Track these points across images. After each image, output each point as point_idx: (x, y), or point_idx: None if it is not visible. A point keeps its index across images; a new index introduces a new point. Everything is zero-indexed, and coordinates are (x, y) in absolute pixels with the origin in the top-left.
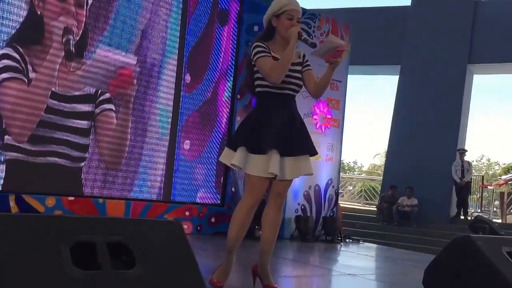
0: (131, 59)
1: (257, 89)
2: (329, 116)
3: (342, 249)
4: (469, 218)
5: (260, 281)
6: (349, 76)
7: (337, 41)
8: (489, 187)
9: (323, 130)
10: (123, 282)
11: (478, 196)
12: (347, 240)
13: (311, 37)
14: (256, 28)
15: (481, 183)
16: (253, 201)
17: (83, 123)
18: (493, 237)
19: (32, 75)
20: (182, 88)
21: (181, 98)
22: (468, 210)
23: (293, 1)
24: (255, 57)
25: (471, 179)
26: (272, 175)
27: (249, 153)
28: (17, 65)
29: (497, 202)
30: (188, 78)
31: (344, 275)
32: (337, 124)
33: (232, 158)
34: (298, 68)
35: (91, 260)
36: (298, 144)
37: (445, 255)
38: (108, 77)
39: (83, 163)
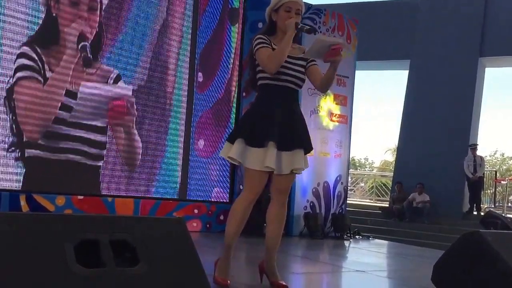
0: (145, 60)
1: (259, 82)
2: (337, 112)
3: (351, 245)
4: (482, 213)
5: (267, 278)
6: (358, 71)
7: (328, 39)
8: (502, 182)
9: (331, 126)
10: (127, 279)
11: (491, 191)
12: (357, 236)
13: (316, 32)
14: (260, 24)
15: (494, 178)
16: (252, 195)
17: (99, 123)
18: (504, 233)
19: (48, 74)
20: (194, 87)
21: (194, 96)
22: (481, 205)
23: None
24: (255, 48)
25: (484, 174)
26: (269, 169)
27: (247, 146)
28: (34, 64)
29: (511, 197)
30: (200, 77)
31: (353, 271)
32: (345, 120)
33: (229, 150)
34: (302, 63)
35: (95, 258)
36: (296, 138)
37: (455, 250)
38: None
39: (101, 162)
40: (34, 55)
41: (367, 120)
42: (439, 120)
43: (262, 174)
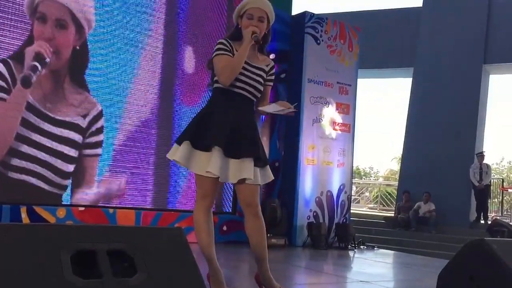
0: (152, 72)
1: (215, 85)
2: (340, 121)
3: (356, 256)
4: (489, 222)
5: None
6: (361, 79)
7: (283, 106)
8: (510, 190)
9: (333, 135)
10: None
11: (499, 199)
12: (362, 246)
13: (318, 41)
14: None
15: (501, 186)
16: (205, 201)
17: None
18: (509, 240)
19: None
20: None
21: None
22: (489, 214)
23: (256, 0)
24: (214, 54)
25: (490, 182)
26: (211, 175)
27: (192, 149)
28: (4, 83)
29: None
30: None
31: (358, 282)
32: (348, 128)
33: (174, 152)
34: (261, 73)
35: (92, 268)
36: (244, 146)
37: (459, 259)
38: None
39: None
40: (5, 73)
41: (372, 129)
42: (444, 128)
43: (209, 179)
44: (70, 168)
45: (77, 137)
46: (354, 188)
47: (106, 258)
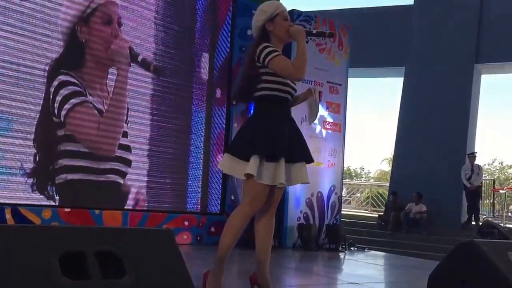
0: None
1: (260, 93)
2: (330, 120)
3: (346, 257)
4: (480, 223)
5: None
6: (352, 79)
7: (312, 102)
8: (501, 191)
9: (324, 135)
10: None
11: (490, 200)
12: (352, 248)
13: (306, 39)
14: (249, 31)
15: (492, 187)
16: (252, 210)
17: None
18: (499, 242)
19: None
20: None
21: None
22: (480, 215)
23: (282, 4)
24: (270, 57)
25: (482, 183)
26: (281, 185)
27: (263, 162)
28: (81, 89)
29: (511, 207)
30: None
31: (348, 284)
32: (339, 128)
33: (243, 168)
34: None
35: (81, 270)
36: (301, 151)
37: (450, 260)
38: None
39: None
40: (76, 81)
41: (363, 129)
42: (435, 128)
43: (267, 188)
44: None
45: None
46: (345, 189)
47: (95, 260)
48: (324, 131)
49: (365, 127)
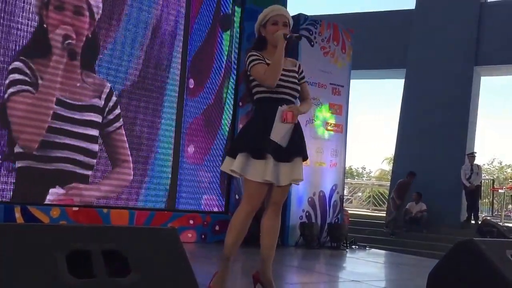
0: (137, 64)
1: (256, 96)
2: (332, 122)
3: (348, 255)
4: (480, 222)
5: None
6: (354, 80)
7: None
8: (500, 190)
9: (326, 135)
10: None
11: (489, 200)
12: (354, 246)
13: (312, 43)
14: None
15: (491, 187)
16: (251, 207)
17: (91, 131)
18: (497, 241)
19: (40, 84)
20: (185, 93)
21: (184, 102)
22: (479, 214)
23: (277, 8)
24: (250, 65)
25: (481, 182)
26: (268, 182)
27: (250, 159)
28: (26, 78)
29: (510, 206)
30: (191, 82)
31: (349, 281)
32: (341, 129)
33: (231, 164)
34: (294, 74)
35: (86, 268)
36: (293, 148)
37: (449, 259)
38: (114, 83)
39: (90, 172)
40: (26, 69)
41: (365, 129)
42: (436, 129)
43: (262, 186)
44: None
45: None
46: (346, 188)
47: (101, 258)
48: (326, 132)
49: (366, 128)
